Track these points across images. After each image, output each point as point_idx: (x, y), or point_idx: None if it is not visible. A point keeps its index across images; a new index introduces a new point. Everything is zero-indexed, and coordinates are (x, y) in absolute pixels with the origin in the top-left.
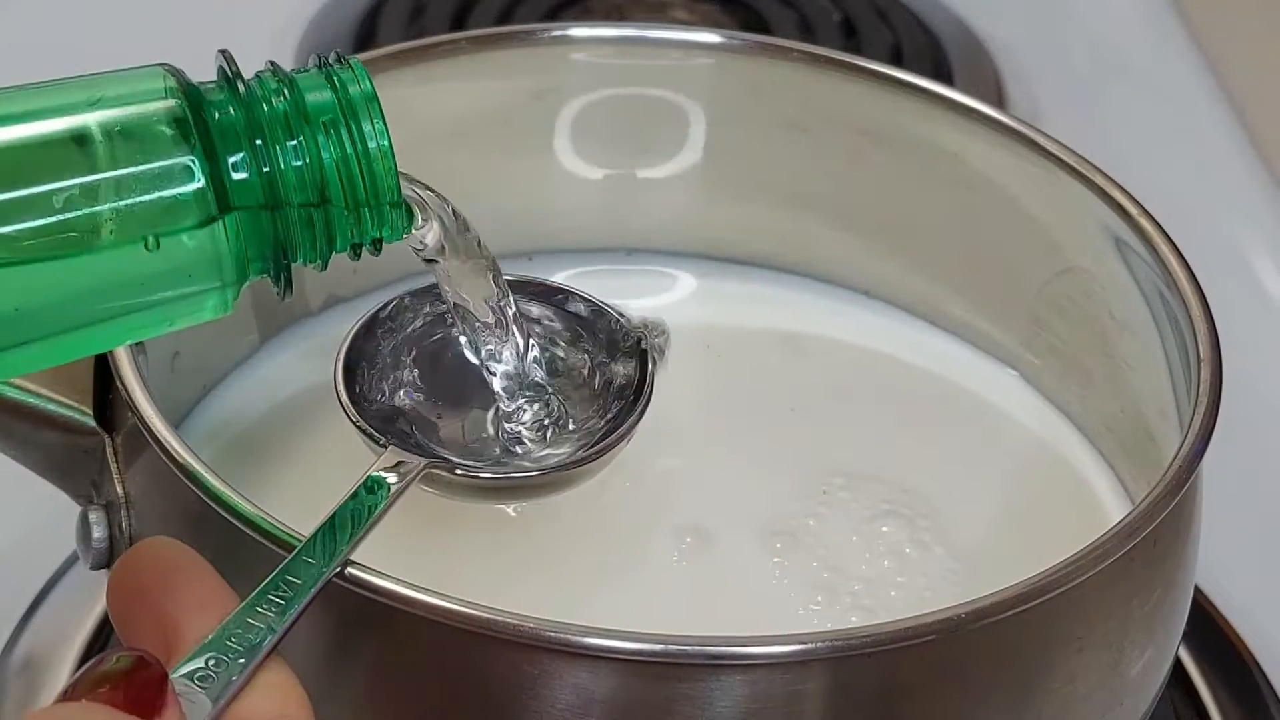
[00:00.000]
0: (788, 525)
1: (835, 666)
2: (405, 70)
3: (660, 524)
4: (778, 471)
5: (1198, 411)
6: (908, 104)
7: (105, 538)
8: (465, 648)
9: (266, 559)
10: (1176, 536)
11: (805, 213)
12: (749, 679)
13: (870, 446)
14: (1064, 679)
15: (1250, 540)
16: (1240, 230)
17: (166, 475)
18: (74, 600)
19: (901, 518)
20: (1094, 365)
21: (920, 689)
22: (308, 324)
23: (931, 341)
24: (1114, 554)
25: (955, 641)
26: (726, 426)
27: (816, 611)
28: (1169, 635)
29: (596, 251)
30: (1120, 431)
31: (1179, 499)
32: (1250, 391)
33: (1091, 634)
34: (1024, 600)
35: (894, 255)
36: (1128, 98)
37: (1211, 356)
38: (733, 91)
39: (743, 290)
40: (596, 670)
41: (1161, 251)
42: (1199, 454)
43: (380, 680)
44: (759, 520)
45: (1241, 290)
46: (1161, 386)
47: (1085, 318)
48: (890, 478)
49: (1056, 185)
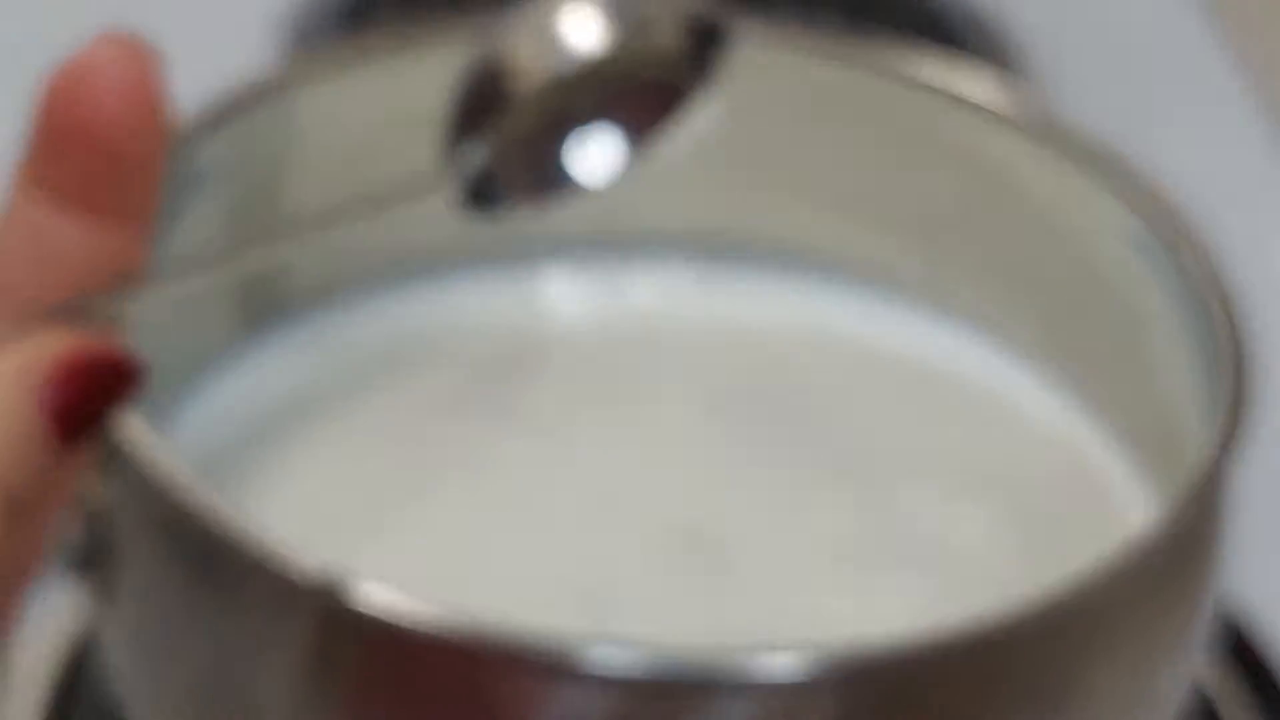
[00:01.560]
0: (796, 527)
1: (849, 683)
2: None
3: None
4: (782, 466)
5: (1226, 414)
6: (919, 94)
7: (85, 546)
8: (457, 663)
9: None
10: (1203, 545)
11: (816, 205)
12: (757, 696)
13: (881, 443)
14: (1084, 693)
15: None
16: (1270, 227)
17: (143, 483)
18: (55, 610)
19: (914, 516)
20: (1116, 363)
21: (937, 704)
22: (294, 322)
23: (947, 336)
24: (1137, 563)
25: (972, 655)
26: (730, 419)
27: (829, 614)
28: (1194, 646)
29: (598, 244)
30: (1144, 433)
31: (1206, 506)
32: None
33: (1113, 646)
34: (1043, 611)
35: (909, 248)
36: (1151, 88)
37: (1242, 355)
38: (739, 81)
39: (748, 282)
40: (594, 688)
41: (1188, 248)
42: (1228, 459)
43: (370, 698)
44: (763, 516)
45: (1271, 289)
46: (1189, 388)
47: (1107, 314)
48: (902, 475)
49: (1077, 178)
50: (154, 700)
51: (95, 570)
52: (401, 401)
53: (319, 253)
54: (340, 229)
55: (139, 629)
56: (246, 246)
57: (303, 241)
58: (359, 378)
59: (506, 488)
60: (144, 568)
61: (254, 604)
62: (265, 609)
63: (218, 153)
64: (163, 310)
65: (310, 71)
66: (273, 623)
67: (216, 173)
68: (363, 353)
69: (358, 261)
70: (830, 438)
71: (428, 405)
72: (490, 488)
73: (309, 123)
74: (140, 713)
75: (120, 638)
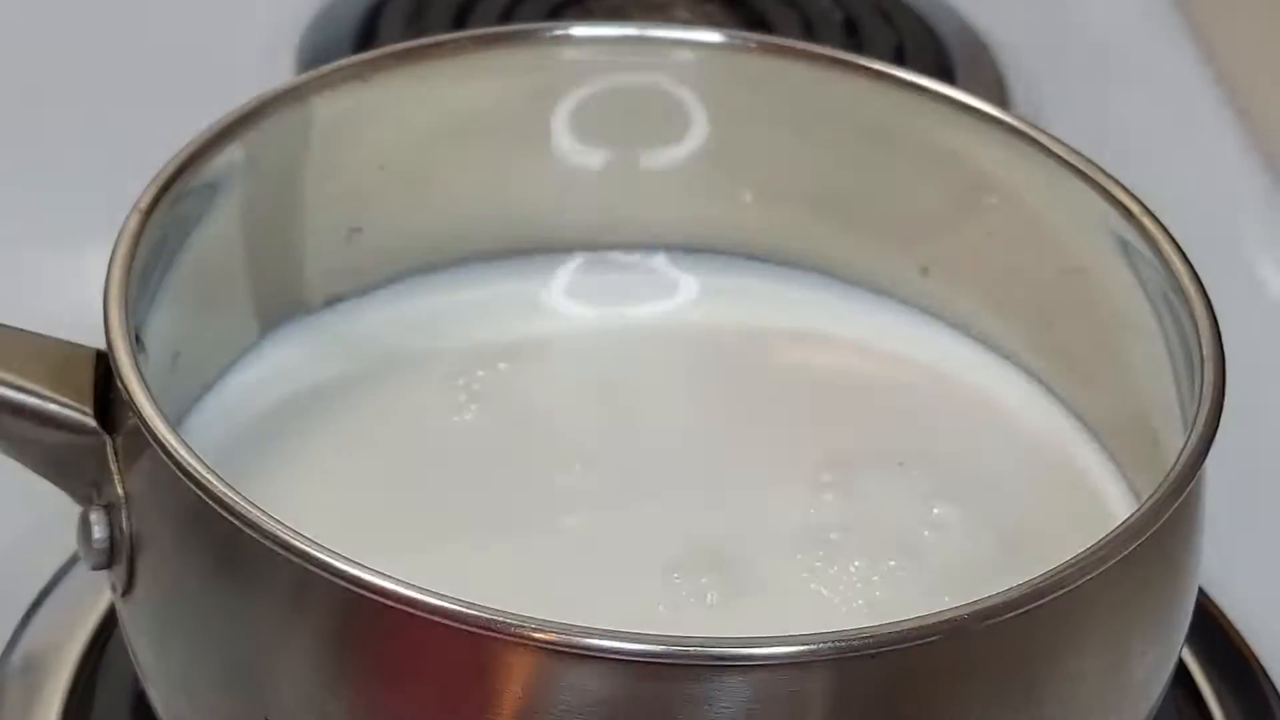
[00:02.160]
0: (791, 524)
1: (837, 667)
2: (407, 69)
3: (667, 528)
4: (778, 468)
5: (1201, 412)
6: (910, 103)
7: (106, 538)
8: (466, 647)
9: (267, 559)
10: (1180, 537)
11: (807, 210)
12: (751, 680)
13: (873, 444)
14: (1067, 679)
15: (1254, 540)
16: (1243, 230)
17: (167, 475)
18: (75, 600)
19: (907, 515)
20: (1098, 364)
21: (923, 690)
22: (307, 322)
23: (936, 338)
24: (1118, 555)
25: (959, 642)
26: (725, 423)
27: (823, 608)
28: (1173, 636)
29: (598, 248)
30: (1125, 431)
31: (1182, 499)
32: (1254, 392)
33: (1095, 635)
34: (1028, 601)
35: (897, 252)
36: (1130, 97)
37: (1215, 356)
38: (734, 90)
39: (743, 286)
40: (597, 670)
41: (1165, 251)
42: (1203, 454)
43: (379, 680)
44: (764, 520)
45: (1244, 290)
46: (1165, 386)
47: (1089, 317)
48: (894, 475)
49: (1059, 185)
50: (175, 685)
51: (118, 559)
52: (407, 398)
53: (330, 256)
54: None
55: (160, 615)
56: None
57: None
58: (366, 375)
59: (507, 483)
60: (165, 556)
61: (272, 591)
62: (283, 596)
63: (236, 160)
64: (186, 314)
65: (325, 82)
66: (291, 609)
67: (235, 180)
68: (370, 351)
69: (368, 264)
70: (822, 437)
71: (432, 402)
72: (491, 482)
73: (325, 131)
74: (162, 697)
75: (142, 624)
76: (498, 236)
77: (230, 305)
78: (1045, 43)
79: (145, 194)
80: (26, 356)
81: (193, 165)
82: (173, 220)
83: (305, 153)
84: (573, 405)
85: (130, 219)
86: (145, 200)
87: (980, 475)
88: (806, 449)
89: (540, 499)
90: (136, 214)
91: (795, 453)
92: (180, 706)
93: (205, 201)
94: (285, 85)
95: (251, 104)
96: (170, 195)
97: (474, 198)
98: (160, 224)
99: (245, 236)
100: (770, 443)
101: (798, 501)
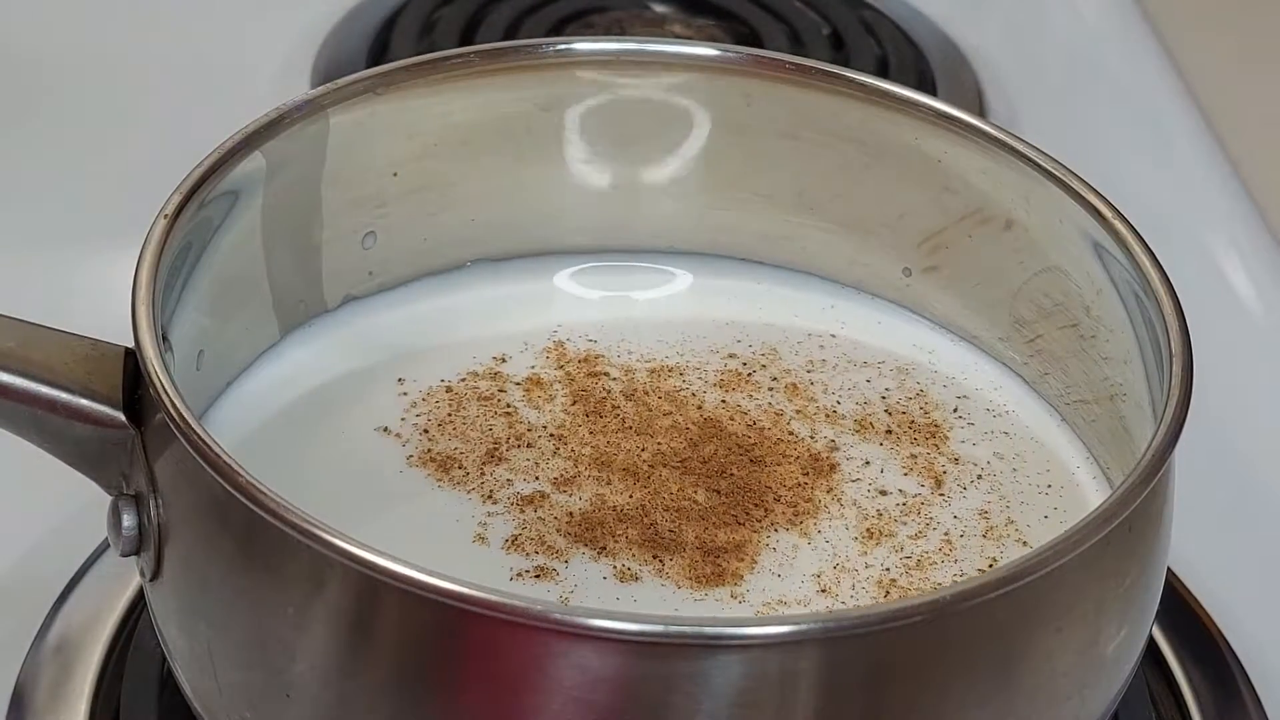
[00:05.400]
0: (786, 512)
1: (827, 646)
2: (418, 82)
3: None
4: (775, 464)
5: (1170, 404)
6: (893, 113)
7: (135, 526)
8: (470, 628)
9: (287, 545)
10: (1150, 522)
11: (797, 214)
12: (744, 659)
13: (859, 437)
14: (1044, 657)
15: (1219, 525)
16: (1210, 232)
17: (193, 466)
18: (105, 586)
19: (893, 504)
20: (1073, 360)
21: (907, 667)
22: (325, 321)
23: (919, 334)
24: (1091, 539)
25: (941, 621)
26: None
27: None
28: (1143, 615)
29: (601, 252)
30: (1098, 422)
31: (1152, 487)
32: (1219, 385)
33: (1070, 614)
34: (1006, 583)
35: (881, 254)
36: (1102, 106)
37: (1183, 352)
38: (728, 101)
39: (737, 286)
40: (598, 650)
41: (1136, 253)
42: (1171, 444)
43: (387, 661)
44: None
45: (1211, 290)
46: (1137, 380)
47: (1064, 315)
48: (881, 467)
49: (1035, 189)
50: (200, 664)
51: (146, 545)
52: (413, 396)
53: (347, 259)
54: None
55: (186, 598)
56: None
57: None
58: (381, 371)
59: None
60: (191, 543)
61: (292, 575)
62: (303, 580)
63: (256, 168)
64: (210, 314)
65: (341, 94)
66: (310, 592)
67: (255, 187)
68: (385, 349)
69: (382, 267)
70: (817, 429)
71: (444, 396)
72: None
73: (341, 140)
74: (188, 676)
75: (169, 607)
76: (505, 240)
77: (252, 306)
78: (1020, 54)
79: (171, 200)
80: (59, 355)
81: (216, 173)
82: (197, 225)
83: (322, 161)
84: (574, 403)
85: (156, 224)
86: (171, 206)
87: (960, 463)
88: (795, 443)
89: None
90: (162, 219)
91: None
92: (205, 685)
93: (227, 207)
94: (303, 97)
95: (271, 115)
96: (194, 201)
97: (482, 203)
98: (185, 229)
99: (265, 240)
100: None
101: (786, 482)
